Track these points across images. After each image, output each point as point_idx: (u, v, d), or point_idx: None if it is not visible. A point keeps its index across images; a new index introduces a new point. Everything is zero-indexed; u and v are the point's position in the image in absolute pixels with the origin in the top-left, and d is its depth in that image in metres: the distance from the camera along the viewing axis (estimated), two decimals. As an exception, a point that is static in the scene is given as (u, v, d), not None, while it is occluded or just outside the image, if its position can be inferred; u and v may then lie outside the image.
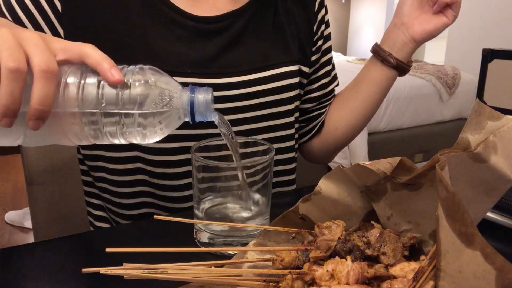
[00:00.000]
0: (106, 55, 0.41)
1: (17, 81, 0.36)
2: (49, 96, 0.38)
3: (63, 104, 0.40)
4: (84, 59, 0.41)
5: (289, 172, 0.78)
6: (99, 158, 0.69)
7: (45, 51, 0.38)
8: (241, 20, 0.69)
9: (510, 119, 0.40)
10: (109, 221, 0.77)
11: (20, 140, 0.42)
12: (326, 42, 0.81)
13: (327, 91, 0.83)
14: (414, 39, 0.71)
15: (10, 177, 3.07)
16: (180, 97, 0.45)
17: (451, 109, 2.79)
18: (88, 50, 0.41)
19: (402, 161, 0.43)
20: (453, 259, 0.33)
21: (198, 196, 0.52)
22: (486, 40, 3.28)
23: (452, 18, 0.69)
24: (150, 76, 0.43)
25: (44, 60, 0.37)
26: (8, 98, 0.36)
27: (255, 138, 0.68)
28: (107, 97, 0.41)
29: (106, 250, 0.37)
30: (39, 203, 0.92)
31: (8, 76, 0.36)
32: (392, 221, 0.46)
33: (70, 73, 0.41)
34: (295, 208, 0.47)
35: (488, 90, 0.78)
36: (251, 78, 0.69)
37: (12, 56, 0.36)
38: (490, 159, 0.39)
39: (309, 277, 0.39)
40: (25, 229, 2.33)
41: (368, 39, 5.23)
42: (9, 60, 0.36)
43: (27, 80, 0.37)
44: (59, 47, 0.41)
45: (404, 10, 0.71)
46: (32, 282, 0.47)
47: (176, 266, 0.38)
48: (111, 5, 0.63)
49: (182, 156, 0.67)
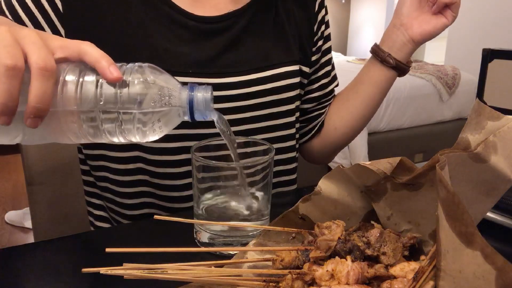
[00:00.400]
0: (104, 53, 0.41)
1: (15, 79, 0.36)
2: (47, 94, 0.38)
3: (61, 102, 0.40)
4: (82, 57, 0.41)
5: (290, 172, 0.79)
6: (102, 158, 0.69)
7: (43, 49, 0.38)
8: (242, 20, 0.69)
9: (510, 119, 0.40)
10: (110, 221, 0.77)
11: (19, 138, 0.42)
12: (326, 42, 0.81)
13: (327, 91, 0.83)
14: (413, 39, 0.71)
15: (10, 177, 3.07)
16: (179, 96, 0.44)
17: (451, 109, 2.79)
18: (87, 48, 0.41)
19: (402, 161, 0.43)
20: (453, 259, 0.33)
21: (198, 196, 0.52)
22: (486, 40, 3.28)
23: (451, 18, 0.69)
24: (149, 74, 0.43)
25: (42, 58, 0.37)
26: (5, 96, 0.36)
27: (255, 138, 0.68)
28: (106, 95, 0.41)
29: (106, 250, 0.37)
30: (39, 203, 0.92)
31: (6, 73, 0.36)
32: (392, 221, 0.46)
33: (68, 71, 0.41)
34: (295, 208, 0.47)
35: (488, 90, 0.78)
36: (252, 78, 0.69)
37: (10, 54, 0.36)
38: (490, 159, 0.39)
39: (309, 277, 0.39)
40: (25, 229, 2.33)
41: (368, 39, 5.23)
42: (6, 58, 0.36)
43: (25, 78, 0.37)
44: (57, 45, 0.41)
45: (403, 11, 0.71)
46: (32, 282, 0.47)
47: (176, 266, 0.38)
48: (112, 5, 0.64)
49: (182, 156, 0.67)
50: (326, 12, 0.81)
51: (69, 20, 0.63)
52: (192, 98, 0.45)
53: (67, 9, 0.62)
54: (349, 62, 3.74)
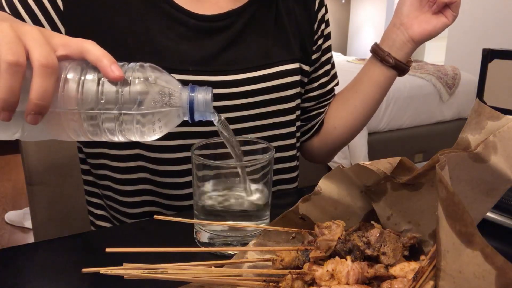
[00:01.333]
0: (106, 51, 0.41)
1: (16, 75, 0.36)
2: (48, 91, 0.38)
3: (62, 100, 0.40)
4: (84, 55, 0.41)
5: (291, 170, 0.79)
6: (102, 156, 0.70)
7: (45, 46, 0.38)
8: (242, 18, 0.69)
9: (510, 119, 0.40)
10: (111, 220, 0.77)
11: (18, 134, 0.42)
12: (326, 41, 0.81)
13: (326, 90, 0.83)
14: (413, 39, 0.71)
15: (10, 177, 3.07)
16: (179, 96, 0.44)
17: (451, 109, 2.79)
18: (89, 46, 0.41)
19: (402, 161, 0.43)
20: (453, 259, 0.33)
21: (198, 194, 0.52)
22: (486, 40, 3.28)
23: (451, 18, 0.69)
24: (151, 74, 0.43)
25: (44, 54, 0.37)
26: (7, 92, 0.36)
27: (255, 136, 0.68)
28: (107, 94, 0.41)
29: (106, 250, 0.37)
30: (39, 203, 0.92)
31: (7, 70, 0.36)
32: (392, 221, 0.46)
33: (70, 68, 0.41)
34: (295, 208, 0.47)
35: (488, 90, 0.78)
36: (253, 76, 0.69)
37: (12, 50, 0.36)
38: (490, 159, 0.39)
39: (309, 277, 0.39)
40: (25, 229, 2.33)
41: (368, 39, 5.23)
42: (8, 54, 0.36)
43: (27, 74, 0.37)
44: (59, 43, 0.41)
45: (404, 10, 0.71)
46: (32, 282, 0.47)
47: (176, 266, 0.38)
48: (113, 3, 0.64)
49: (183, 154, 0.67)
50: (326, 11, 0.81)
51: (69, 19, 0.63)
52: (192, 99, 0.45)
53: (67, 7, 0.63)
54: (349, 62, 3.74)
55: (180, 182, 0.69)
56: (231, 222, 0.52)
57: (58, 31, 0.63)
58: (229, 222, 0.51)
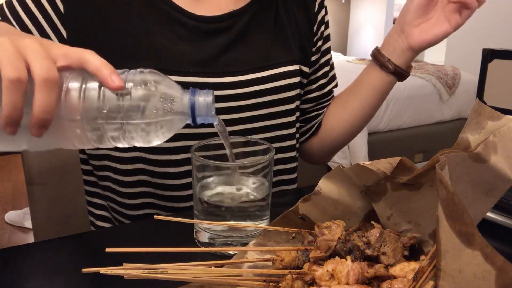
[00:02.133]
0: (106, 61, 0.41)
1: (19, 91, 0.36)
2: (50, 105, 0.38)
3: (65, 110, 0.41)
4: (84, 66, 0.41)
5: (290, 171, 0.79)
6: (105, 157, 0.70)
7: (45, 59, 0.38)
8: (242, 20, 0.69)
9: (510, 119, 0.40)
10: (111, 220, 0.77)
11: (25, 145, 0.43)
12: (326, 43, 0.81)
13: (325, 92, 0.83)
14: (412, 48, 0.71)
15: (10, 177, 3.07)
16: (181, 101, 0.45)
17: (451, 109, 2.79)
18: (88, 56, 0.41)
19: (402, 161, 0.43)
20: (453, 259, 0.33)
21: (198, 195, 0.52)
22: (486, 40, 3.27)
23: (454, 24, 0.68)
24: (151, 81, 0.43)
25: (45, 68, 0.37)
26: (10, 108, 0.36)
27: (255, 137, 0.68)
28: (109, 103, 0.41)
29: (106, 250, 0.38)
30: (39, 203, 0.92)
31: (10, 86, 0.36)
32: (392, 221, 0.46)
33: (71, 79, 0.41)
34: (295, 208, 0.47)
35: (488, 90, 0.78)
36: (252, 77, 0.69)
37: (12, 66, 0.36)
38: (490, 159, 0.39)
39: (309, 277, 0.39)
40: (25, 229, 2.33)
41: (368, 39, 5.23)
42: (10, 71, 0.36)
43: (28, 88, 0.37)
44: (59, 53, 0.41)
45: (407, 18, 0.70)
46: (32, 282, 0.47)
47: (176, 266, 0.38)
48: (114, 5, 0.64)
49: (182, 155, 0.67)
50: (326, 13, 0.81)
51: (70, 21, 0.63)
52: (193, 102, 0.45)
53: (68, 10, 0.63)
54: (349, 62, 3.73)
55: (180, 183, 0.69)
56: (231, 222, 0.52)
57: (59, 33, 0.63)
58: (229, 222, 0.51)
